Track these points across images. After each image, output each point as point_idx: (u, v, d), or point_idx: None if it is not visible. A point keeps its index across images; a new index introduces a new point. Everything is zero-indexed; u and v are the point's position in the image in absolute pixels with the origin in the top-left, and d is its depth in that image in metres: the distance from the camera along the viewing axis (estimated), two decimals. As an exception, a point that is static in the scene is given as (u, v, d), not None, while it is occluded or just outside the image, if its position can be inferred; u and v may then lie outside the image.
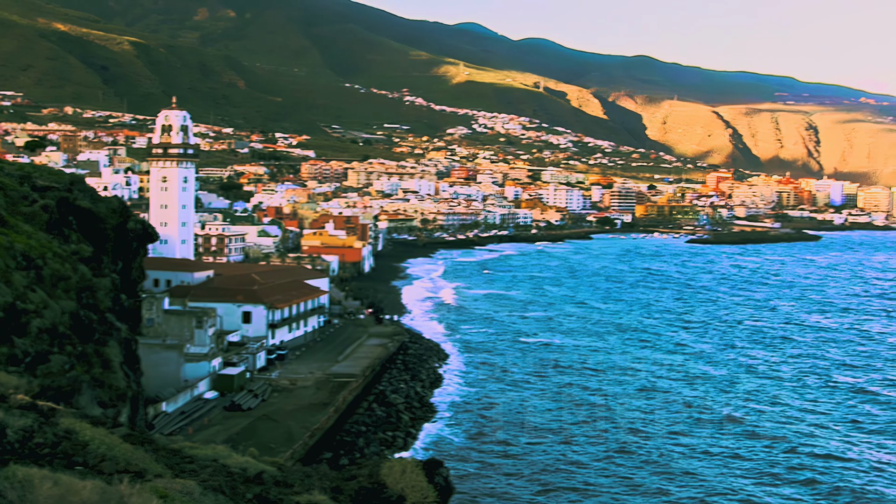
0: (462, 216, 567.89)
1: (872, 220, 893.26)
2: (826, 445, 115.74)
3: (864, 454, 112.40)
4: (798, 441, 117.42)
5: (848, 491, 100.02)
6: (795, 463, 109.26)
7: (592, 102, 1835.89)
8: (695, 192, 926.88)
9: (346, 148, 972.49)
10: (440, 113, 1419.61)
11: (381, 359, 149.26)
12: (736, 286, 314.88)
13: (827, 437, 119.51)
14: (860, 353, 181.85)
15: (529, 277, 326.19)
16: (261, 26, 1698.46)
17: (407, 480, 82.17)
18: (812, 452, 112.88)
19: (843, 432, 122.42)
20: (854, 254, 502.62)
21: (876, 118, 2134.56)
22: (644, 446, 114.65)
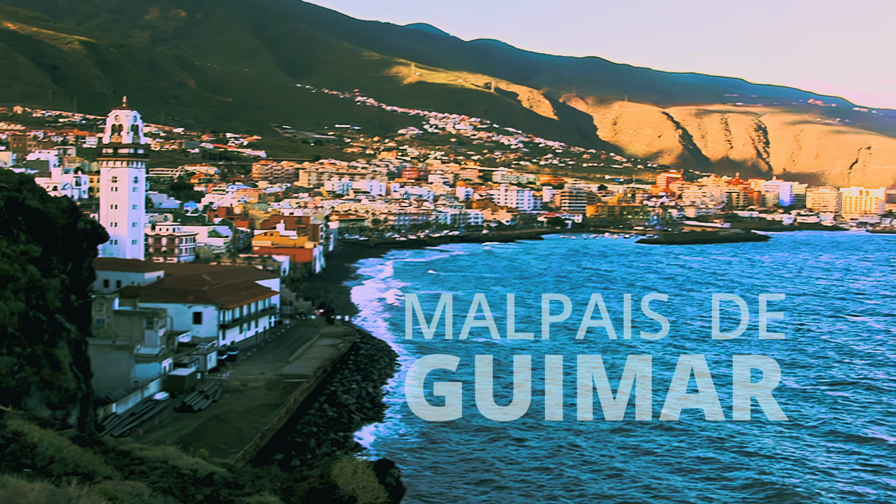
0: (413, 216, 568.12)
1: (821, 221, 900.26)
2: (765, 445, 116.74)
3: (805, 453, 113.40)
4: (735, 440, 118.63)
5: (786, 489, 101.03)
6: (730, 460, 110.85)
7: (543, 103, 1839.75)
8: (645, 192, 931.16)
9: (297, 148, 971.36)
10: (391, 113, 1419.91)
11: (333, 359, 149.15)
12: (680, 286, 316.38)
13: (765, 436, 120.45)
14: (800, 352, 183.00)
15: (478, 278, 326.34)
16: (212, 26, 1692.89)
17: (358, 481, 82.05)
18: (749, 451, 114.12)
19: (781, 431, 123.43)
20: (800, 254, 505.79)
21: (824, 119, 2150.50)
22: (590, 445, 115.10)
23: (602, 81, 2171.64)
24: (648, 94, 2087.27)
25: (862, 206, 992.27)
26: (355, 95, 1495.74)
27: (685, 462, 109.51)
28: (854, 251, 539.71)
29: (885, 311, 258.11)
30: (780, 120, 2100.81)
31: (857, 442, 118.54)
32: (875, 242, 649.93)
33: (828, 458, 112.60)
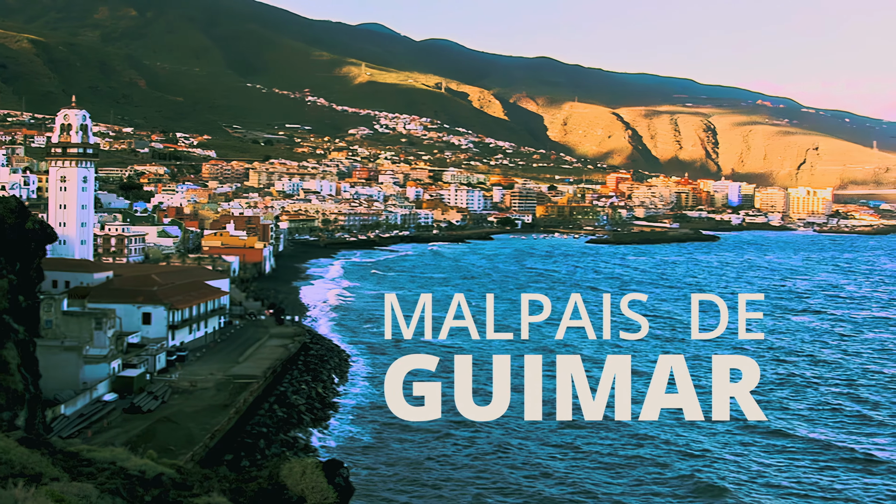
0: (363, 217, 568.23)
1: (769, 221, 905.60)
2: (698, 444, 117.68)
3: (737, 452, 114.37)
4: (665, 439, 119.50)
5: (718, 486, 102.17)
6: (659, 457, 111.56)
7: (494, 103, 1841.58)
8: (595, 192, 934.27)
9: (248, 148, 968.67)
10: (342, 113, 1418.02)
11: (283, 359, 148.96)
12: (622, 286, 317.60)
13: (698, 436, 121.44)
14: (734, 352, 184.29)
15: (423, 278, 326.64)
16: (162, 25, 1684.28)
17: (307, 481, 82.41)
18: (680, 450, 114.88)
19: (715, 430, 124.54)
20: (746, 254, 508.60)
21: (772, 120, 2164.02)
22: (528, 445, 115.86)
23: (552, 82, 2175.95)
24: (599, 95, 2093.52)
25: (809, 207, 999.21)
26: (306, 95, 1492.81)
27: (619, 461, 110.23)
28: (799, 251, 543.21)
29: (828, 311, 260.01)
30: (729, 121, 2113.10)
31: (796, 441, 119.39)
32: (821, 242, 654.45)
33: (763, 457, 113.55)
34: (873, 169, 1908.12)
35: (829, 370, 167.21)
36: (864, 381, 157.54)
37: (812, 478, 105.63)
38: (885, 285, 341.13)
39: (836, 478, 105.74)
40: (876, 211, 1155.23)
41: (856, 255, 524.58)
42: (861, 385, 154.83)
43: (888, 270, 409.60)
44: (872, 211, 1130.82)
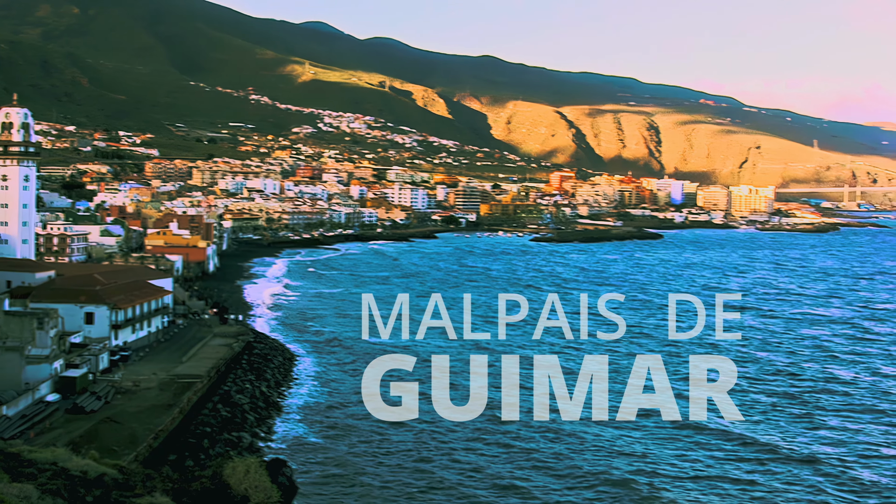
0: (307, 215, 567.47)
1: (712, 219, 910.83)
2: (615, 440, 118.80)
3: (649, 448, 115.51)
4: (585, 436, 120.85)
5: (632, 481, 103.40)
6: (577, 453, 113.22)
7: (438, 102, 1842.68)
8: (539, 191, 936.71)
9: (191, 147, 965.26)
10: (285, 112, 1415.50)
11: (226, 359, 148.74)
12: (562, 284, 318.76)
13: (614, 432, 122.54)
14: (660, 350, 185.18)
15: (363, 277, 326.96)
16: (105, 23, 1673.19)
17: (250, 480, 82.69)
18: (596, 446, 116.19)
19: (630, 426, 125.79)
20: (685, 252, 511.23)
21: (715, 119, 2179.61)
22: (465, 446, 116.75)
23: (496, 81, 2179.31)
24: (542, 94, 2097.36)
25: (752, 205, 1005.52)
26: (249, 94, 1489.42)
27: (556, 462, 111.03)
28: (739, 249, 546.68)
29: (764, 308, 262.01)
30: (672, 119, 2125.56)
31: (727, 439, 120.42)
32: (762, 240, 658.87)
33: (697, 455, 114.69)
34: (814, 167, 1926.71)
35: (762, 367, 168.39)
36: (796, 378, 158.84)
37: (744, 476, 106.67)
38: (821, 283, 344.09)
39: (770, 475, 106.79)
40: (817, 209, 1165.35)
41: (794, 252, 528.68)
42: (792, 382, 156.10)
43: (826, 268, 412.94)
44: (813, 209, 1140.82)
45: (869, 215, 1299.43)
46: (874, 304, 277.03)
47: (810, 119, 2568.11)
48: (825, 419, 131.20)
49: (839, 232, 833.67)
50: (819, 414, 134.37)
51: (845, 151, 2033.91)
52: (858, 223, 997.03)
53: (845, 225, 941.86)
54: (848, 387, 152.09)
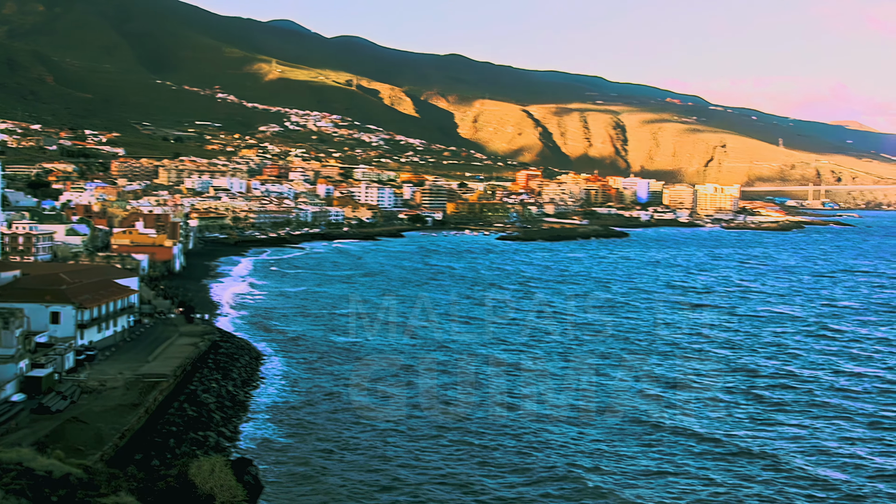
0: (274, 214, 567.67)
1: (677, 217, 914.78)
2: (573, 438, 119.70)
3: (607, 446, 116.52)
4: (544, 434, 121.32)
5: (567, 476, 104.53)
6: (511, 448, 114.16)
7: (405, 101, 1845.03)
8: (505, 189, 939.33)
9: (157, 145, 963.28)
10: (252, 110, 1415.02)
11: (193, 358, 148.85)
12: (525, 282, 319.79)
13: (573, 429, 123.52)
14: (620, 348, 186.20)
15: (330, 276, 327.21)
16: (71, 21, 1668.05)
17: (216, 480, 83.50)
18: (554, 443, 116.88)
19: (570, 423, 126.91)
20: (649, 251, 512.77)
21: (681, 118, 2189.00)
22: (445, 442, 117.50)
23: (463, 79, 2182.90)
24: (509, 93, 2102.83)
25: (717, 203, 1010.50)
26: (216, 92, 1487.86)
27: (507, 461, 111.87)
28: (703, 247, 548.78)
29: (726, 306, 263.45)
30: (639, 118, 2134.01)
31: (684, 436, 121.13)
32: (726, 239, 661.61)
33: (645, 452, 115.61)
34: (779, 166, 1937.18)
35: (722, 364, 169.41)
36: (756, 376, 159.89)
37: (701, 472, 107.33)
38: (783, 280, 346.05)
39: (728, 472, 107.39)
40: (782, 207, 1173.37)
41: (758, 250, 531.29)
42: (752, 379, 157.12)
43: (789, 266, 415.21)
44: (778, 207, 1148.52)
45: (833, 214, 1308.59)
46: (836, 302, 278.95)
47: (776, 118, 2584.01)
48: (785, 416, 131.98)
49: (804, 230, 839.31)
50: (779, 411, 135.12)
51: (810, 150, 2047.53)
52: (823, 221, 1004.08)
53: (810, 223, 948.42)
54: (808, 384, 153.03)
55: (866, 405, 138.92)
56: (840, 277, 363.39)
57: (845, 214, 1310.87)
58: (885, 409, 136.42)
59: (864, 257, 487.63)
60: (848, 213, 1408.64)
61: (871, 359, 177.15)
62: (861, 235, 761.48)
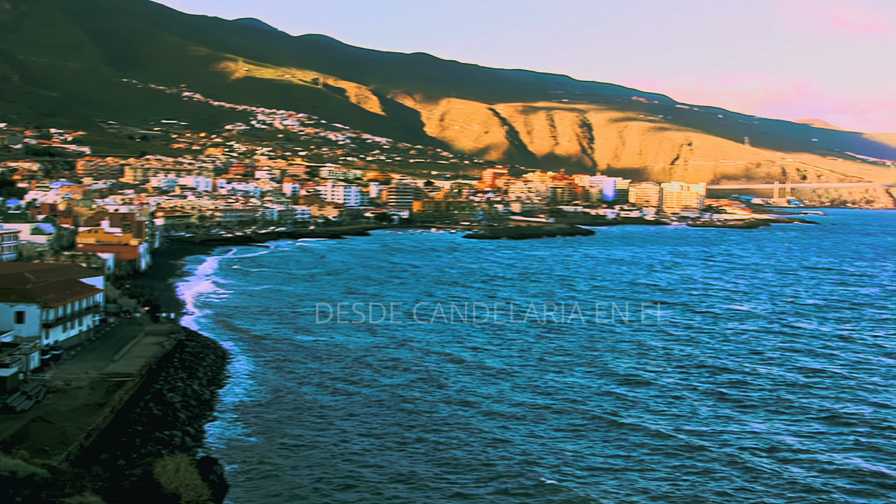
0: (240, 213, 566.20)
1: (644, 215, 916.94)
2: (531, 435, 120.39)
3: (564, 443, 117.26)
4: (484, 429, 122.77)
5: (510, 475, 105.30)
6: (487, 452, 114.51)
7: (371, 99, 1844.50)
8: (471, 187, 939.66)
9: (123, 144, 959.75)
10: (218, 109, 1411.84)
11: (158, 357, 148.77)
12: (488, 280, 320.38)
13: (532, 427, 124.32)
14: (581, 345, 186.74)
15: (294, 274, 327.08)
16: (37, 19, 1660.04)
17: (181, 479, 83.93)
18: (500, 440, 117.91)
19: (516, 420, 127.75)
20: (610, 248, 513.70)
21: (647, 116, 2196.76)
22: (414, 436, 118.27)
23: (430, 78, 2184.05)
24: (476, 91, 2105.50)
25: (683, 201, 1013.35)
26: (182, 91, 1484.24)
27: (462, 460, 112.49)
28: (668, 245, 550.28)
29: (688, 303, 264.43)
30: (605, 117, 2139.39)
31: (647, 435, 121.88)
32: (692, 237, 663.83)
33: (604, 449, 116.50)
34: (745, 164, 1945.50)
35: (684, 362, 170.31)
36: (720, 373, 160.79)
37: (660, 469, 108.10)
38: (747, 278, 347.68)
39: (688, 469, 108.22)
40: (748, 205, 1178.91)
41: (723, 248, 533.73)
42: (715, 377, 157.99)
43: (753, 264, 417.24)
44: (744, 205, 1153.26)
45: (798, 211, 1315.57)
46: (799, 299, 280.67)
47: (742, 116, 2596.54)
48: (745, 413, 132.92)
49: (769, 228, 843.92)
50: (739, 408, 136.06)
51: (776, 148, 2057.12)
52: (788, 219, 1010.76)
53: (775, 221, 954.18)
54: (769, 381, 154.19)
55: (826, 402, 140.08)
56: (803, 275, 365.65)
57: (810, 212, 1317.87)
58: (844, 406, 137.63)
59: (828, 255, 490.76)
60: (813, 210, 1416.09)
61: (833, 356, 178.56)
62: (825, 233, 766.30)
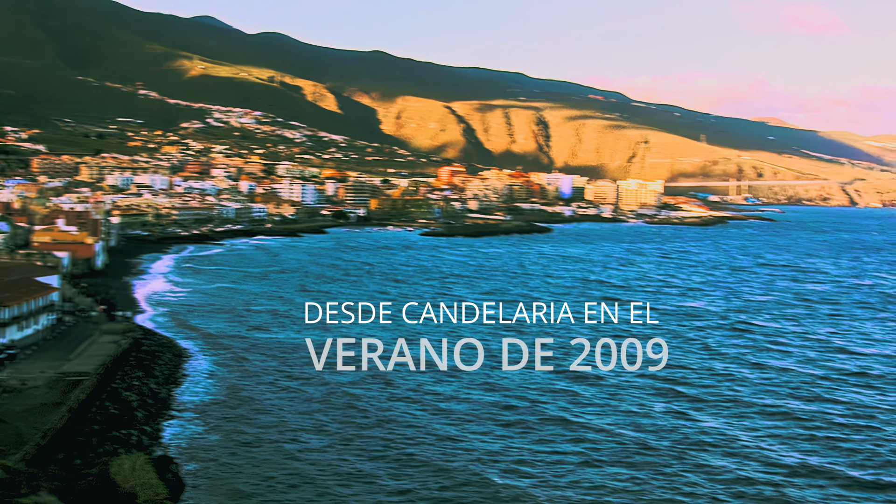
0: (196, 211, 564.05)
1: (601, 213, 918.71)
2: (466, 434, 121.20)
3: (503, 441, 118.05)
4: (435, 428, 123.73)
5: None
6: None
7: (327, 97, 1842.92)
8: (428, 185, 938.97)
9: (79, 142, 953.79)
10: (175, 107, 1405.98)
11: (115, 356, 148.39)
12: (442, 278, 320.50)
13: (466, 426, 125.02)
14: (528, 343, 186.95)
15: (246, 272, 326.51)
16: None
17: (137, 478, 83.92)
18: (451, 438, 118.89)
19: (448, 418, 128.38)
20: (572, 245, 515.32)
21: (604, 114, 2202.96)
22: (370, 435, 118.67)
23: (386, 76, 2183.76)
24: (432, 89, 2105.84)
25: (640, 199, 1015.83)
26: (138, 88, 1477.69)
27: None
28: (626, 242, 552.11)
29: (643, 300, 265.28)
30: (561, 114, 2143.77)
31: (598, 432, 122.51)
32: (648, 234, 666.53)
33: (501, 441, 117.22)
34: (702, 162, 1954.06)
35: (636, 359, 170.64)
36: (672, 369, 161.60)
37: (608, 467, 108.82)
38: (702, 275, 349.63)
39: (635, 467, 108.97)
40: (704, 203, 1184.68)
41: (678, 245, 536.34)
42: (667, 373, 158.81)
43: (708, 261, 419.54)
44: (701, 203, 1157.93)
45: (755, 209, 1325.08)
46: (753, 296, 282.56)
47: (698, 114, 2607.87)
48: (697, 411, 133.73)
49: (726, 225, 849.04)
50: (692, 405, 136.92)
51: (732, 146, 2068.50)
52: (744, 216, 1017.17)
53: (732, 218, 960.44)
54: (722, 377, 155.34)
55: (779, 399, 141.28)
56: (758, 272, 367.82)
57: (767, 209, 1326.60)
58: (797, 403, 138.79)
59: (783, 252, 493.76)
60: (769, 208, 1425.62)
61: (787, 353, 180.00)
62: (781, 230, 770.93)
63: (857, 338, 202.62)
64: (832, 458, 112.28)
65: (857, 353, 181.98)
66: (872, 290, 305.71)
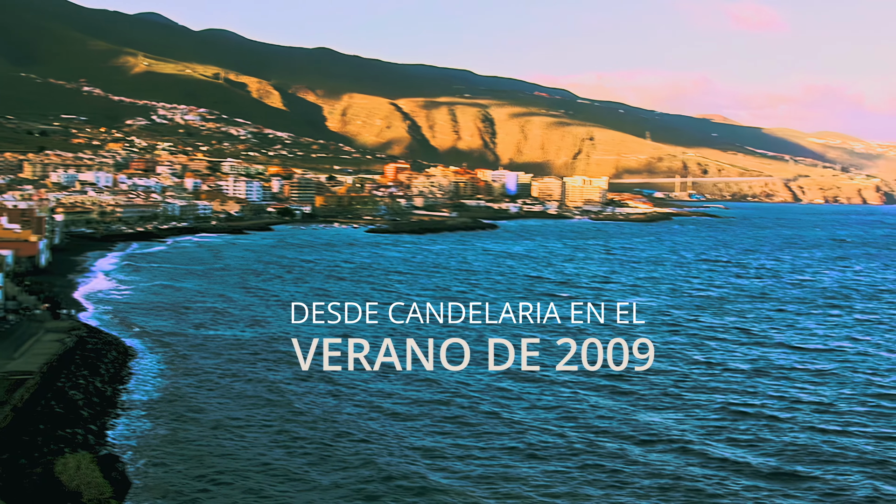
0: (141, 208, 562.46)
1: (546, 209, 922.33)
2: (399, 431, 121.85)
3: (443, 444, 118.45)
4: (368, 426, 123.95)
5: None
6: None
7: (273, 94, 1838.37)
8: (374, 182, 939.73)
9: (22, 139, 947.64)
10: (119, 104, 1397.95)
11: (59, 354, 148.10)
12: (381, 276, 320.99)
13: (400, 423, 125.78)
14: (467, 340, 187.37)
15: (194, 271, 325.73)
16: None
17: (82, 476, 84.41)
18: (382, 436, 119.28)
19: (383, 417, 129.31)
20: (513, 242, 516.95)
21: (549, 111, 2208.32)
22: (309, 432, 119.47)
23: (332, 73, 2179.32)
24: (378, 86, 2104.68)
25: (586, 195, 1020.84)
26: (82, 85, 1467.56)
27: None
28: (570, 238, 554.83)
29: (581, 296, 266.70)
30: (507, 112, 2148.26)
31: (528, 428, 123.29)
32: (592, 230, 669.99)
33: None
34: (647, 159, 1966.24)
35: (577, 356, 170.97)
36: (614, 366, 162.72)
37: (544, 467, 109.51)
38: (645, 271, 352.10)
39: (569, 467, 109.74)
40: (650, 199, 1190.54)
41: (623, 241, 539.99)
42: (608, 371, 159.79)
43: (652, 256, 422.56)
44: (646, 199, 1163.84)
45: (699, 205, 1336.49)
46: (697, 292, 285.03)
47: (643, 111, 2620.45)
48: (640, 409, 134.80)
49: (670, 221, 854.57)
50: (635, 403, 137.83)
51: (677, 143, 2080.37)
52: (689, 213, 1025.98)
53: (676, 214, 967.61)
54: (665, 375, 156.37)
55: (720, 396, 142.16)
56: (702, 268, 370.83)
57: (711, 206, 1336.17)
58: (740, 399, 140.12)
59: (726, 248, 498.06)
60: (714, 204, 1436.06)
61: (730, 350, 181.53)
62: (725, 226, 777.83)
63: (796, 333, 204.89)
64: (774, 455, 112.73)
65: (797, 348, 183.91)
66: (812, 286, 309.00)
